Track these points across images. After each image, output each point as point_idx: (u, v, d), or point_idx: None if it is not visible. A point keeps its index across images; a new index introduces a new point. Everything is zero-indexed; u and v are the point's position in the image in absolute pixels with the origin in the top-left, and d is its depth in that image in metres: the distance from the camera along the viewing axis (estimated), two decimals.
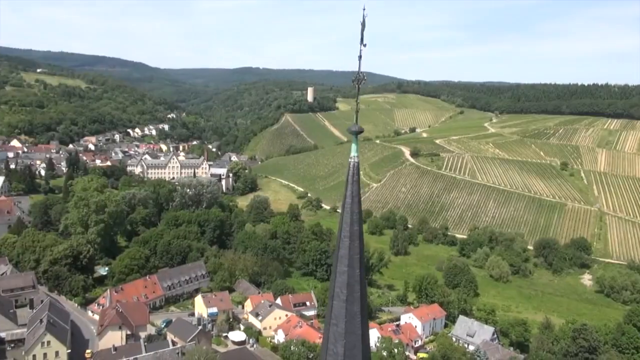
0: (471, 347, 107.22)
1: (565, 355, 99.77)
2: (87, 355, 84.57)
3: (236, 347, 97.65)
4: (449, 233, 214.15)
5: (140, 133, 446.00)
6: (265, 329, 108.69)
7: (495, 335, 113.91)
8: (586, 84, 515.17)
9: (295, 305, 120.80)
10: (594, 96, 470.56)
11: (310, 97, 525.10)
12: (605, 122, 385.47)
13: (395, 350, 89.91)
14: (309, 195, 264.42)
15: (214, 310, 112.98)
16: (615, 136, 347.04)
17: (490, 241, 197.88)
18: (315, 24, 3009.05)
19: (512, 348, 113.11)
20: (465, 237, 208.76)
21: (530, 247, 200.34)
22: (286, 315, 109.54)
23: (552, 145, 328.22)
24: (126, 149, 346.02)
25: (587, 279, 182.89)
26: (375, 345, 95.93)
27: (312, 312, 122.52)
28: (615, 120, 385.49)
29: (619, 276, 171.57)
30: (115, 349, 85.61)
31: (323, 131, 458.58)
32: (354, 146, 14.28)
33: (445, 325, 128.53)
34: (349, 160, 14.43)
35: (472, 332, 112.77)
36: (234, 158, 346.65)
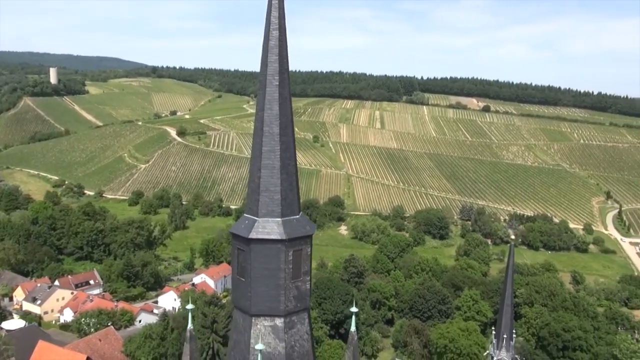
0: None
1: (341, 280, 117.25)
2: None
3: None
4: (223, 205, 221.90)
5: None
6: (46, 312, 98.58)
7: None
8: (325, 71, 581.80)
9: (77, 286, 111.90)
10: (331, 81, 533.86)
11: (53, 79, 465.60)
12: (343, 102, 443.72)
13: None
14: (67, 182, 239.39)
15: None
16: (351, 114, 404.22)
17: None
18: (48, 3, 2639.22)
19: None
20: (239, 206, 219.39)
21: None
22: (72, 293, 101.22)
23: (304, 122, 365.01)
24: None
25: (343, 229, 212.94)
26: (179, 303, 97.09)
27: (97, 291, 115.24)
28: (350, 101, 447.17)
29: (367, 222, 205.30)
30: None
31: (74, 116, 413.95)
32: None
33: None
34: None
35: None
36: None
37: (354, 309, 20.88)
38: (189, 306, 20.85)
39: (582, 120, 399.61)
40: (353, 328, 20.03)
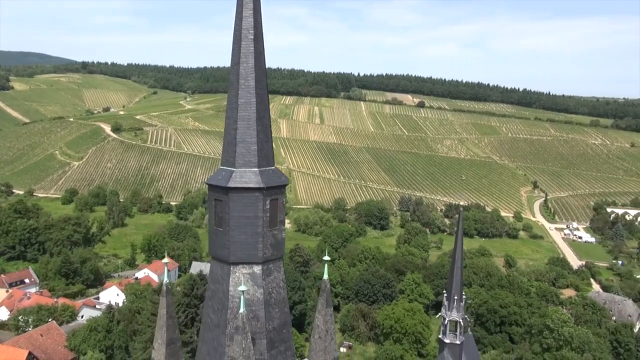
0: None
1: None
2: None
3: None
4: (163, 201, 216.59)
5: None
6: None
7: None
8: None
9: (11, 285, 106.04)
10: (269, 77, 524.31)
11: None
12: (282, 98, 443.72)
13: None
14: None
15: None
16: (291, 109, 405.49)
17: (204, 202, 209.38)
18: None
19: None
20: (179, 202, 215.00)
21: None
22: (7, 291, 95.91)
23: None
24: None
25: (286, 222, 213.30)
26: (123, 297, 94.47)
27: (33, 289, 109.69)
28: (289, 97, 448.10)
29: (310, 215, 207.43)
30: None
31: None
32: None
33: (179, 276, 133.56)
34: None
35: (207, 270, 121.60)
36: None
37: (326, 257, 21.82)
38: (165, 260, 21.23)
39: (509, 115, 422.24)
40: (325, 276, 20.90)
